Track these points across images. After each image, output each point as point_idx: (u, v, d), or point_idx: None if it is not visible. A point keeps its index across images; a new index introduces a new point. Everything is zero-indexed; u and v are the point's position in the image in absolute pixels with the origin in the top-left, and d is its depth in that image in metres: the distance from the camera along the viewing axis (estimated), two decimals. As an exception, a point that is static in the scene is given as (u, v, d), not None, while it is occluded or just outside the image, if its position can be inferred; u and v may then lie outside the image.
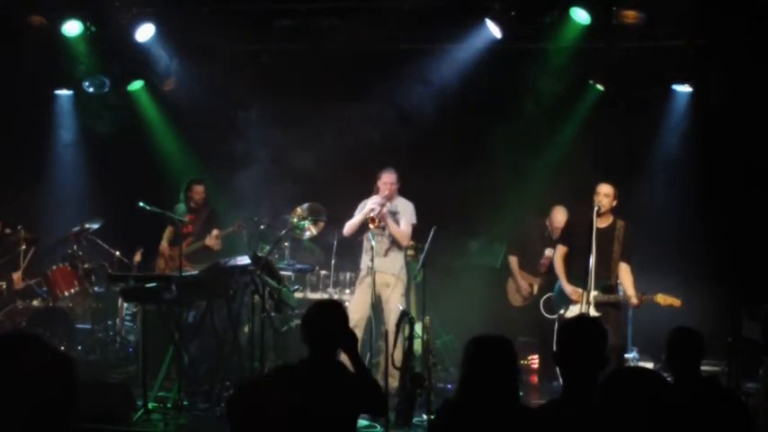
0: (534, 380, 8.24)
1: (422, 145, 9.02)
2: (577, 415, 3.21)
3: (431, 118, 8.77)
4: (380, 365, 7.51)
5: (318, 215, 8.06)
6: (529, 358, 8.36)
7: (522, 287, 8.54)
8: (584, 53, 8.45)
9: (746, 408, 4.22)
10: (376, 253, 7.58)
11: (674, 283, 7.23)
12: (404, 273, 7.83)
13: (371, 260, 7.50)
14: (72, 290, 8.47)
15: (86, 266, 8.55)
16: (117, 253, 8.66)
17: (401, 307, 7.47)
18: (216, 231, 8.61)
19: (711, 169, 8.44)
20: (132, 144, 9.58)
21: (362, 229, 7.83)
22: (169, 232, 9.08)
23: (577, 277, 7.11)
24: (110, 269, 8.43)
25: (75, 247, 8.50)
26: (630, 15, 7.72)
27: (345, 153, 8.60)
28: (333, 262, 8.59)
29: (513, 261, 8.62)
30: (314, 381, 3.61)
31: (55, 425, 2.07)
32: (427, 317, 7.18)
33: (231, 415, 3.78)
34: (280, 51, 9.08)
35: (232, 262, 7.08)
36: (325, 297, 8.57)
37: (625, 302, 7.14)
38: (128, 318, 8.93)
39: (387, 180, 7.81)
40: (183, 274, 7.06)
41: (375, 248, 7.57)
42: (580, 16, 7.80)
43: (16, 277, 8.50)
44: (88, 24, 8.47)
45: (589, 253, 6.92)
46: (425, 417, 6.49)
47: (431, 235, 7.07)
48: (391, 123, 8.81)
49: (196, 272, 7.37)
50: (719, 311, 7.57)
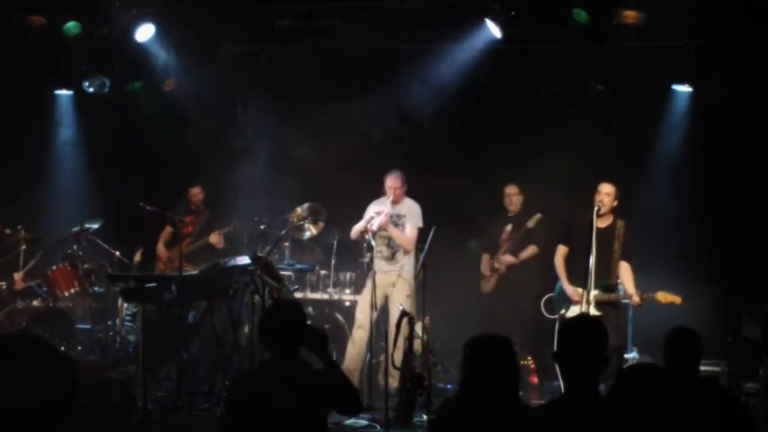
0: (534, 380, 8.23)
1: (422, 145, 9.01)
2: (578, 414, 3.21)
3: (431, 118, 8.77)
4: (380, 365, 7.52)
5: (318, 215, 8.07)
6: (528, 358, 8.35)
7: (483, 269, 8.54)
8: (584, 53, 8.46)
9: (746, 408, 4.22)
10: (382, 254, 7.58)
11: (674, 283, 7.21)
12: (410, 274, 7.80)
13: (378, 260, 7.51)
14: (72, 290, 8.46)
15: (86, 266, 8.55)
16: (117, 253, 8.66)
17: (401, 307, 7.48)
18: (215, 236, 8.63)
19: (711, 169, 8.44)
20: (132, 144, 9.58)
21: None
22: (166, 233, 9.08)
23: (578, 277, 7.12)
24: (110, 269, 8.42)
25: (75, 247, 8.49)
26: (630, 15, 7.72)
27: (345, 153, 8.59)
28: (333, 262, 8.59)
29: (485, 259, 8.62)
30: (276, 382, 3.62)
31: (55, 425, 2.07)
32: (427, 317, 7.19)
33: (229, 415, 3.81)
34: (280, 51, 9.08)
35: (232, 262, 7.08)
36: (325, 297, 8.59)
37: (626, 301, 7.14)
38: (128, 318, 8.92)
39: (390, 185, 7.79)
40: (183, 274, 7.06)
41: (382, 250, 7.58)
42: (580, 16, 7.80)
43: (17, 278, 8.50)
44: (88, 24, 8.47)
45: (589, 253, 6.93)
46: (425, 417, 6.49)
47: (431, 235, 7.08)
48: (391, 123, 8.81)
49: (196, 272, 7.38)
50: (719, 311, 7.57)
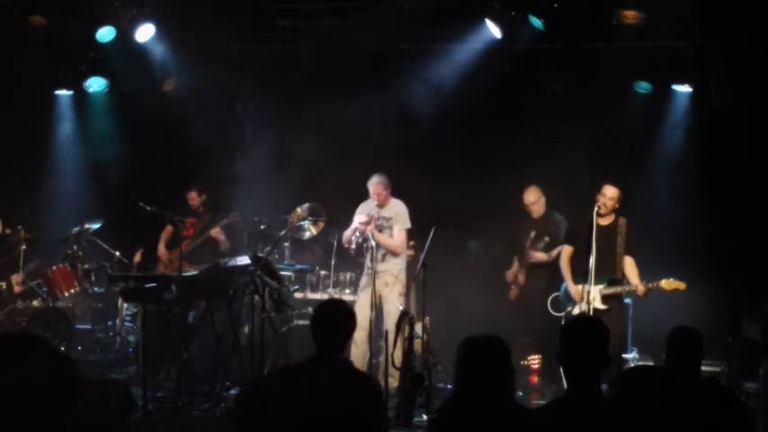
0: (534, 380, 8.23)
1: (422, 145, 9.01)
2: (581, 414, 3.22)
3: (431, 118, 8.76)
4: (380, 365, 7.51)
5: (318, 215, 8.07)
6: (529, 358, 8.35)
7: (507, 275, 8.54)
8: (583, 53, 8.47)
9: (747, 408, 4.22)
10: (375, 254, 7.58)
11: (674, 283, 7.26)
12: (403, 273, 7.84)
13: (371, 261, 7.50)
14: (72, 290, 8.46)
15: (86, 266, 8.55)
16: (117, 253, 8.65)
17: (401, 307, 7.48)
18: (215, 229, 8.64)
19: (711, 169, 8.44)
20: (132, 144, 9.59)
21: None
22: (167, 232, 9.09)
23: (582, 275, 7.17)
24: (110, 269, 8.42)
25: (75, 248, 8.49)
26: (630, 15, 7.72)
27: (346, 153, 8.59)
28: (333, 262, 8.58)
29: (515, 264, 8.60)
30: (323, 380, 3.59)
31: (55, 425, 2.07)
32: (427, 317, 7.19)
33: (238, 415, 3.78)
34: (280, 51, 9.08)
35: (232, 262, 7.08)
36: (325, 297, 8.58)
37: (628, 301, 7.18)
38: (128, 318, 8.92)
39: (374, 191, 7.80)
40: (183, 274, 7.06)
41: (374, 250, 7.57)
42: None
43: (15, 281, 8.49)
44: (89, 25, 8.47)
45: (590, 251, 7.01)
46: (425, 417, 6.49)
47: (431, 235, 7.08)
48: (391, 123, 8.81)
49: (196, 272, 7.38)
50: (719, 311, 7.57)
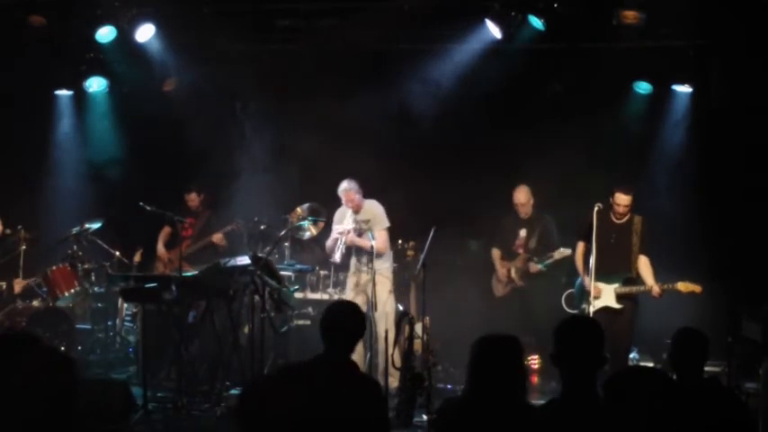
0: (534, 380, 8.23)
1: (422, 145, 9.02)
2: (577, 414, 3.21)
3: (431, 118, 8.76)
4: (380, 365, 7.51)
5: (318, 215, 8.07)
6: (529, 358, 8.34)
7: (501, 274, 8.54)
8: (583, 53, 8.47)
9: (747, 408, 4.21)
10: (358, 256, 7.60)
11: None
12: (389, 271, 7.90)
13: (363, 261, 7.53)
14: (72, 290, 8.45)
15: (86, 266, 8.54)
16: (117, 253, 8.65)
17: (400, 307, 7.48)
18: (218, 234, 8.64)
19: (711, 169, 8.44)
20: (132, 144, 9.59)
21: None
22: (165, 233, 9.09)
23: (597, 273, 7.22)
24: (110, 269, 8.42)
25: (75, 247, 8.49)
26: (630, 15, 7.72)
27: (346, 153, 8.58)
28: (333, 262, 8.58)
29: (496, 253, 8.62)
30: (327, 380, 3.58)
31: (56, 425, 2.07)
32: (427, 317, 7.19)
33: (240, 414, 3.77)
34: (280, 51, 9.07)
35: (232, 262, 7.08)
36: (325, 297, 8.58)
37: (646, 293, 7.25)
38: (128, 318, 8.92)
39: (345, 198, 7.79)
40: (183, 275, 7.06)
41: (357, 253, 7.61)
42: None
43: (16, 282, 8.49)
44: (89, 25, 8.47)
45: (600, 250, 7.15)
46: (425, 417, 6.49)
47: (431, 235, 7.08)
48: (391, 123, 8.80)
49: (196, 272, 7.38)
50: (719, 311, 7.57)
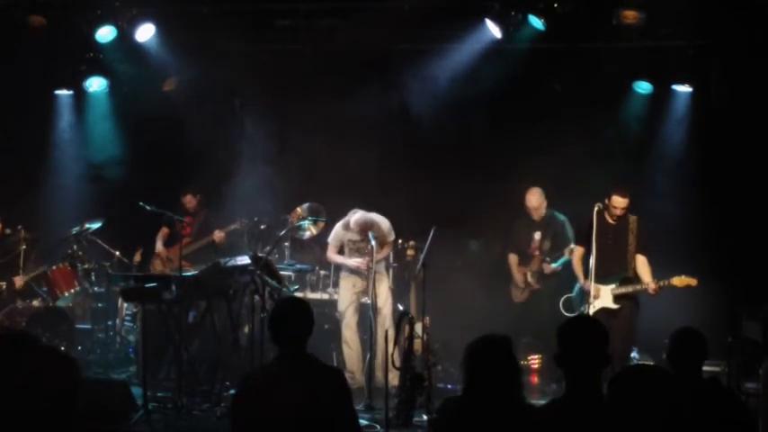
0: (534, 380, 8.23)
1: (422, 145, 9.02)
2: (580, 414, 3.22)
3: (431, 118, 8.76)
4: (379, 360, 7.51)
5: (318, 215, 8.08)
6: (529, 358, 8.35)
7: (518, 280, 8.54)
8: (583, 53, 8.47)
9: (747, 408, 4.21)
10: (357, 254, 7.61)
11: (675, 283, 7.26)
12: (383, 266, 7.96)
13: (371, 261, 7.51)
14: (72, 290, 8.46)
15: (86, 266, 8.55)
16: (117, 253, 8.65)
17: (400, 307, 7.47)
18: (219, 232, 8.64)
19: (711, 169, 8.44)
20: (132, 144, 9.59)
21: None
22: (163, 234, 9.09)
23: (595, 275, 7.23)
24: (110, 269, 8.42)
25: (75, 247, 8.49)
26: (630, 15, 7.72)
27: (346, 153, 8.59)
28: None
29: (513, 259, 8.61)
30: (284, 378, 3.61)
31: (56, 425, 2.07)
32: (427, 317, 7.19)
33: (231, 417, 3.78)
34: (280, 51, 9.07)
35: (232, 262, 7.08)
36: (325, 297, 8.58)
37: (643, 291, 7.25)
38: (128, 318, 8.92)
39: (360, 230, 7.72)
40: (183, 274, 7.06)
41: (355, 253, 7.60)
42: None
43: (17, 279, 8.49)
44: (89, 25, 8.48)
45: (598, 250, 7.16)
46: (425, 417, 6.49)
47: (431, 235, 7.07)
48: (391, 123, 8.80)
49: (196, 272, 7.37)
50: (719, 311, 7.57)
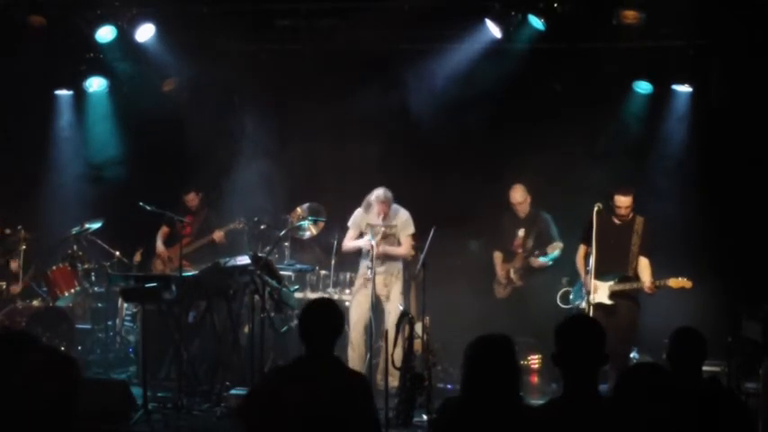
0: (534, 380, 8.23)
1: (422, 145, 9.02)
2: (578, 413, 3.22)
3: (431, 118, 8.75)
4: (380, 365, 7.51)
5: (318, 215, 8.07)
6: (529, 358, 8.34)
7: (500, 276, 8.54)
8: (583, 53, 8.47)
9: (748, 409, 4.21)
10: (375, 256, 7.58)
11: (675, 283, 7.27)
12: (401, 272, 7.90)
13: (371, 262, 7.50)
14: (72, 290, 8.46)
15: (86, 266, 8.55)
16: (117, 253, 8.66)
17: (400, 307, 7.48)
18: (219, 232, 8.64)
19: (711, 169, 8.44)
20: (132, 144, 9.59)
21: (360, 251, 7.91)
22: (163, 233, 9.09)
23: (598, 272, 7.25)
24: (110, 269, 8.42)
25: (75, 247, 8.49)
26: (630, 15, 7.72)
27: (345, 153, 8.59)
28: (333, 262, 8.58)
29: (497, 257, 8.62)
30: (321, 378, 3.60)
31: (57, 425, 2.07)
32: (427, 317, 7.19)
33: (244, 418, 3.77)
34: (280, 51, 9.07)
35: (232, 262, 7.08)
36: (325, 297, 8.56)
37: (640, 289, 7.27)
38: (128, 318, 8.92)
39: (378, 209, 7.77)
40: (183, 274, 7.06)
41: (373, 250, 7.56)
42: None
43: (22, 277, 8.50)
44: (89, 25, 8.48)
45: (599, 249, 7.18)
46: (425, 417, 6.49)
47: (431, 235, 7.07)
48: (391, 123, 8.80)
49: (196, 272, 7.37)
50: (719, 311, 7.57)
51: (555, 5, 7.78)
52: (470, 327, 6.70)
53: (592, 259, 7.24)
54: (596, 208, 7.24)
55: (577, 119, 8.40)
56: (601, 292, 7.32)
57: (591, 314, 7.06)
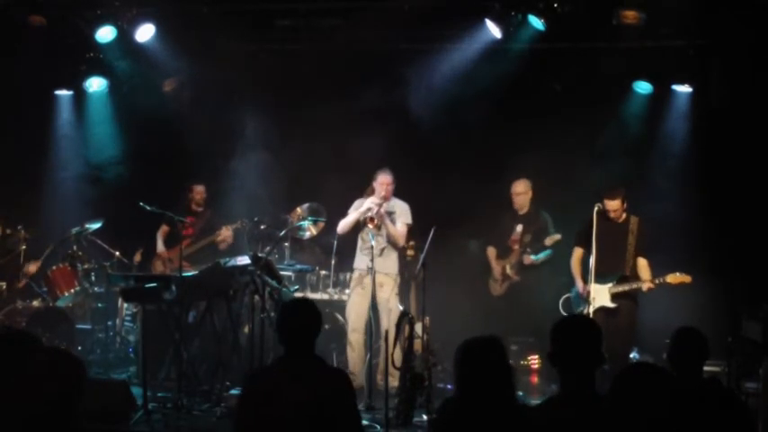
0: (534, 380, 8.22)
1: (422, 145, 9.02)
2: (575, 413, 3.22)
3: (431, 118, 8.75)
4: (380, 365, 7.51)
5: (318, 215, 8.07)
6: (529, 358, 8.34)
7: (496, 272, 8.54)
8: (583, 53, 8.47)
9: (747, 408, 4.21)
10: (373, 253, 7.57)
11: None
12: (396, 271, 7.89)
13: (371, 260, 7.49)
14: (72, 290, 8.45)
15: (86, 266, 8.54)
16: (117, 253, 8.65)
17: (400, 307, 7.47)
18: (227, 230, 8.63)
19: (711, 169, 8.44)
20: (132, 144, 9.58)
21: (357, 228, 7.85)
22: (163, 233, 9.08)
23: (594, 275, 7.26)
24: (110, 269, 8.42)
25: (75, 248, 8.49)
26: (630, 15, 7.72)
27: (345, 153, 8.59)
28: (333, 262, 8.59)
29: (491, 252, 8.62)
30: (290, 379, 3.62)
31: (58, 424, 2.07)
32: (427, 317, 7.19)
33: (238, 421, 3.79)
34: (280, 51, 9.08)
35: (232, 262, 7.08)
36: (325, 297, 8.58)
37: (638, 289, 7.28)
38: (128, 318, 8.92)
39: (383, 181, 7.80)
40: (183, 275, 7.06)
41: (372, 248, 7.56)
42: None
43: (31, 267, 8.50)
44: (89, 25, 8.48)
45: (598, 250, 7.19)
46: (425, 417, 6.49)
47: (431, 235, 7.07)
48: (391, 123, 8.80)
49: (196, 272, 7.37)
50: (719, 311, 7.57)
51: (555, 5, 7.78)
52: (470, 327, 6.70)
53: (592, 259, 7.24)
54: (596, 208, 7.26)
55: (577, 119, 8.40)
56: (602, 295, 7.31)
57: (591, 316, 7.06)
